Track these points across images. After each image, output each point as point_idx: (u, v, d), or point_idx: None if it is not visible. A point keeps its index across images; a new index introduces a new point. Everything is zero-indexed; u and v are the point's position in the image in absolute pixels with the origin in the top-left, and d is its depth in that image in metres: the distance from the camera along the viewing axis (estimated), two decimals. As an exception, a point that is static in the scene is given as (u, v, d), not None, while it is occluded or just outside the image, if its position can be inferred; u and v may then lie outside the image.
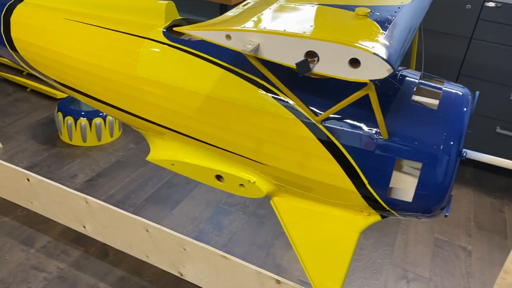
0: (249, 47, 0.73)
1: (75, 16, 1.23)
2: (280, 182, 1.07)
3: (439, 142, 0.88)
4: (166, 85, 1.09)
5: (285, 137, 0.98)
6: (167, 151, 1.20)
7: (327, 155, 0.95)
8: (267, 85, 0.98)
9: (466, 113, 0.91)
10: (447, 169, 0.88)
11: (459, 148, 0.88)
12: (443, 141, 0.87)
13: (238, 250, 1.79)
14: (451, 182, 0.89)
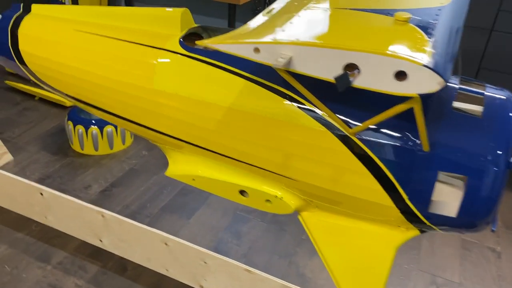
0: (281, 61, 0.67)
1: (85, 27, 1.17)
2: (310, 197, 1.01)
3: (486, 153, 0.81)
4: (184, 97, 1.02)
5: (315, 150, 0.92)
6: (187, 166, 1.15)
7: (362, 169, 0.89)
8: (294, 95, 0.92)
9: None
10: (495, 182, 0.81)
11: (508, 158, 0.81)
12: (491, 151, 0.81)
13: (259, 260, 1.74)
14: (499, 195, 0.82)
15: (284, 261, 1.75)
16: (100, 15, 1.19)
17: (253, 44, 0.70)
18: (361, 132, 0.87)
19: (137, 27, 1.12)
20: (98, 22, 1.17)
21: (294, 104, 0.92)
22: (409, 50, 0.62)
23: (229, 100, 0.98)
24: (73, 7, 1.26)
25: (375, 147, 0.86)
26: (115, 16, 1.17)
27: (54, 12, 1.26)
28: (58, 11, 1.26)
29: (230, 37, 0.74)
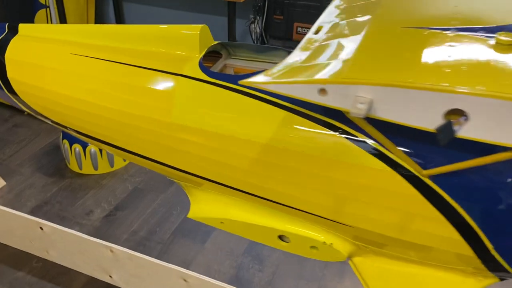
0: (362, 107, 0.51)
1: (85, 50, 1.00)
2: (367, 243, 0.86)
3: None
4: (210, 132, 0.86)
5: (377, 193, 0.76)
6: (214, 207, 0.99)
7: (437, 216, 0.73)
8: (349, 129, 0.76)
9: None
10: None
11: None
12: None
13: (285, 287, 1.59)
14: None
15: (313, 286, 1.60)
16: (100, 36, 1.02)
17: (318, 84, 0.54)
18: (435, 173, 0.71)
19: (146, 49, 0.95)
20: (99, 44, 1.00)
21: (349, 139, 0.76)
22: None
23: (266, 135, 0.82)
24: (67, 26, 1.10)
25: (453, 190, 0.71)
26: (118, 36, 1.00)
27: (46, 32, 1.08)
28: (50, 32, 1.08)
29: (283, 75, 0.58)
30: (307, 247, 0.92)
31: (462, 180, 0.71)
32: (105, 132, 0.99)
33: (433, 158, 0.72)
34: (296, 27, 2.63)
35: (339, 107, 0.54)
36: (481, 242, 0.73)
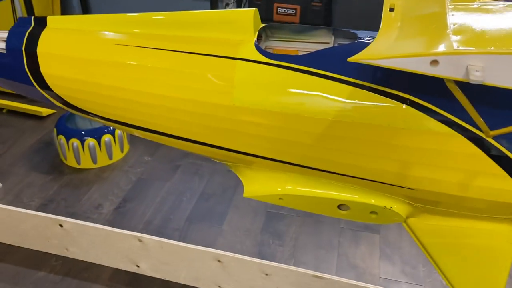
0: (479, 74, 0.57)
1: (128, 39, 0.99)
2: (426, 204, 0.93)
3: None
4: (275, 112, 0.90)
5: (444, 156, 0.83)
6: (271, 184, 1.03)
7: (499, 172, 0.82)
8: (415, 98, 0.82)
9: None
10: None
11: None
12: None
13: (307, 258, 1.67)
14: None
15: (332, 254, 1.69)
16: (141, 25, 1.01)
17: (430, 56, 0.59)
18: (500, 134, 0.79)
19: (197, 35, 0.96)
20: (143, 33, 1.00)
21: (415, 108, 0.82)
22: None
23: (331, 111, 0.86)
24: (100, 16, 1.06)
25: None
26: (161, 24, 1.00)
27: (78, 24, 1.06)
28: (83, 23, 1.06)
29: (389, 50, 0.63)
30: (367, 213, 0.98)
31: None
32: (160, 122, 1.00)
33: (499, 120, 0.79)
34: (276, 8, 2.66)
35: (450, 76, 0.60)
36: (537, 191, 0.82)
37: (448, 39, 0.60)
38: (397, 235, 1.77)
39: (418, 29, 0.67)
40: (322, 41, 1.04)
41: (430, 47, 0.61)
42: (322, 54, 0.90)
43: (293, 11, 2.65)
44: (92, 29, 1.04)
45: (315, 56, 0.90)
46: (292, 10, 2.65)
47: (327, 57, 0.88)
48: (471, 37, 0.61)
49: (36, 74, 1.08)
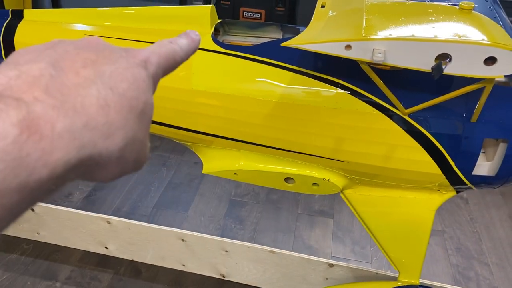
0: (380, 56, 0.72)
1: (99, 31, 1.11)
2: (358, 175, 1.09)
3: (523, 117, 0.93)
4: (228, 95, 1.03)
5: (369, 132, 0.99)
6: (226, 161, 1.16)
7: (414, 145, 0.97)
8: (345, 83, 0.97)
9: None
10: (531, 142, 0.94)
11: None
12: (527, 116, 0.93)
13: (266, 240, 1.80)
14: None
15: (289, 236, 1.83)
16: (111, 18, 1.13)
17: (345, 42, 0.74)
18: (413, 112, 0.95)
19: (160, 28, 1.09)
20: (112, 25, 1.12)
21: (346, 92, 0.98)
22: (494, 37, 0.71)
23: (277, 94, 1.01)
24: (74, 10, 1.18)
25: (427, 124, 0.95)
26: (129, 17, 1.12)
27: (53, 17, 1.17)
28: (58, 16, 1.17)
29: (315, 37, 0.78)
30: (310, 185, 1.12)
31: (429, 113, 0.95)
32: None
33: (412, 99, 0.96)
34: (243, 12, 2.81)
35: (360, 58, 0.75)
36: (446, 161, 0.98)
37: (361, 29, 0.76)
38: (349, 220, 1.93)
39: (340, 21, 0.82)
40: (272, 36, 1.18)
41: (346, 35, 0.76)
42: (269, 45, 1.05)
43: (258, 15, 2.80)
44: (67, 22, 1.15)
45: (263, 46, 1.04)
46: (257, 14, 2.80)
47: (273, 48, 1.03)
48: (378, 26, 0.76)
49: (13, 61, 1.18)
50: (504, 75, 0.72)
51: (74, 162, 0.25)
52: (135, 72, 0.30)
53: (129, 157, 0.29)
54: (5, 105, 0.24)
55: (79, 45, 0.31)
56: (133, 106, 0.29)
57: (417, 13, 0.80)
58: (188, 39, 0.38)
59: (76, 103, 0.26)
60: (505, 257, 1.82)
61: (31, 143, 0.24)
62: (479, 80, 0.80)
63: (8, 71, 0.27)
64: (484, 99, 0.84)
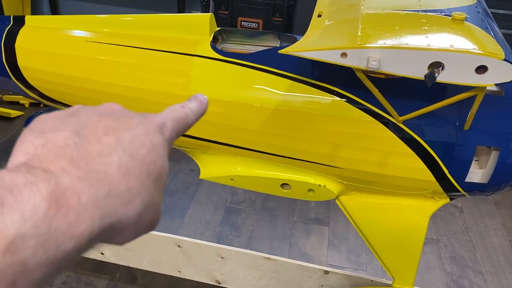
0: (375, 63, 0.74)
1: (99, 37, 1.13)
2: (353, 182, 1.10)
3: (514, 126, 0.95)
4: (226, 102, 1.05)
5: (364, 139, 1.00)
6: (223, 167, 1.17)
7: (409, 152, 0.99)
8: (341, 90, 0.99)
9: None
10: (522, 150, 0.96)
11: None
12: (519, 124, 0.95)
13: (262, 247, 1.81)
14: (524, 160, 0.98)
15: (285, 244, 1.84)
16: (112, 25, 1.15)
17: (340, 50, 0.76)
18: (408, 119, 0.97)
19: (161, 35, 1.11)
20: (113, 32, 1.14)
21: (342, 99, 0.99)
22: (486, 46, 0.73)
23: (275, 101, 1.02)
24: (74, 17, 1.20)
25: (421, 131, 0.97)
26: (131, 24, 1.14)
27: (54, 23, 1.19)
28: (59, 22, 1.19)
29: (312, 45, 0.80)
30: (306, 191, 1.14)
31: (423, 121, 0.97)
32: (125, 108, 1.13)
33: (406, 107, 0.97)
34: (240, 21, 2.84)
35: (355, 65, 0.77)
36: (440, 168, 1.00)
37: (356, 37, 0.78)
38: (344, 228, 1.94)
39: (336, 30, 0.85)
40: (270, 44, 1.20)
41: (342, 43, 0.78)
42: (267, 53, 1.07)
43: (255, 25, 2.83)
44: (67, 28, 1.17)
45: (261, 54, 1.06)
46: (255, 24, 2.83)
47: (271, 55, 1.05)
48: (373, 35, 0.78)
49: (13, 67, 1.20)
50: (495, 83, 0.74)
51: (97, 232, 0.26)
52: (153, 138, 0.31)
53: (145, 220, 0.30)
54: (35, 177, 0.25)
55: (99, 111, 0.32)
56: (150, 171, 0.30)
57: (411, 23, 0.82)
58: (197, 102, 0.41)
59: (99, 172, 0.27)
60: (498, 266, 1.83)
61: (60, 216, 0.24)
62: (471, 88, 0.82)
63: (34, 139, 0.28)
64: (476, 107, 0.86)
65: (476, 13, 0.87)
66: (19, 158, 0.27)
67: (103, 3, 3.20)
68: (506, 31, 2.18)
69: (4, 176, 0.25)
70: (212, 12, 2.82)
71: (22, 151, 0.27)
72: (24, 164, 0.26)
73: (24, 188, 0.24)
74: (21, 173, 0.25)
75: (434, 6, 0.89)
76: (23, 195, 0.24)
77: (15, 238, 0.23)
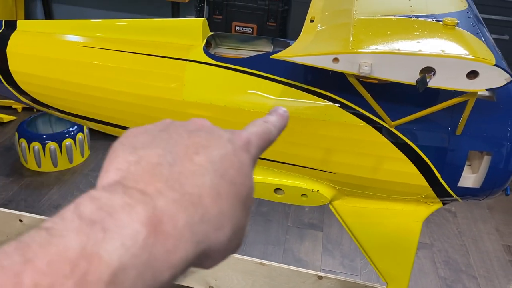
0: (367, 69, 0.74)
1: (92, 42, 1.12)
2: (346, 186, 1.10)
3: (506, 131, 0.96)
4: (219, 107, 1.05)
5: (357, 144, 1.01)
6: (216, 172, 1.17)
7: (401, 157, 0.99)
8: (333, 95, 0.99)
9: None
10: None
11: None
12: (509, 129, 0.96)
13: (256, 253, 1.80)
14: (515, 164, 0.98)
15: (279, 249, 1.83)
16: (104, 30, 1.15)
17: (332, 55, 0.76)
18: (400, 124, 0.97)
19: (153, 40, 1.10)
20: (105, 37, 1.13)
21: (335, 104, 0.99)
22: (477, 52, 0.73)
23: (268, 106, 1.02)
24: (67, 21, 1.20)
25: (413, 136, 0.97)
26: (123, 29, 1.14)
27: (46, 28, 1.18)
28: (51, 27, 1.19)
29: (304, 50, 0.80)
30: (299, 196, 1.13)
31: (415, 126, 0.97)
32: (117, 115, 1.12)
33: (399, 112, 0.98)
34: (235, 26, 2.85)
35: (347, 71, 0.77)
36: (432, 173, 1.00)
37: (348, 43, 0.78)
38: (338, 233, 1.94)
39: (328, 35, 0.85)
40: (263, 49, 1.20)
41: (334, 48, 0.78)
42: (260, 58, 1.07)
43: (250, 30, 2.84)
44: (59, 32, 1.17)
45: (254, 59, 1.06)
46: (249, 29, 2.84)
47: (264, 60, 1.05)
48: (365, 40, 0.78)
49: (4, 72, 1.19)
50: (486, 88, 0.74)
51: (191, 259, 0.25)
52: (241, 157, 0.31)
53: (233, 244, 0.29)
54: (132, 199, 0.24)
55: (189, 128, 0.31)
56: (239, 192, 0.29)
57: (403, 28, 0.82)
58: (278, 116, 0.39)
59: (193, 195, 0.26)
60: (492, 270, 1.83)
61: (158, 244, 0.23)
62: (463, 93, 0.82)
63: (128, 155, 0.27)
64: (468, 112, 0.87)
65: (467, 18, 0.87)
66: (113, 176, 0.26)
67: (97, 7, 3.20)
68: (498, 36, 2.20)
69: (101, 196, 0.24)
70: (207, 17, 2.83)
71: (115, 167, 0.26)
72: (119, 183, 0.25)
73: (122, 211, 0.23)
74: (118, 194, 0.24)
75: (426, 11, 0.90)
76: (122, 219, 0.23)
77: (117, 269, 0.21)
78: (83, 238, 0.22)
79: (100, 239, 0.22)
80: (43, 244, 0.21)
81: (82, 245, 0.21)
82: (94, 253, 0.21)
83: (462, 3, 0.97)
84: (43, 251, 0.21)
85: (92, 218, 0.23)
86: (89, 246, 0.21)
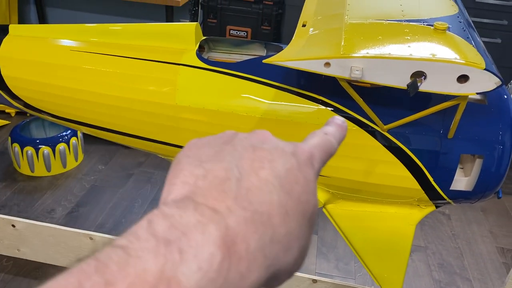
0: (358, 73, 0.74)
1: (84, 46, 1.12)
2: (339, 190, 1.10)
3: (497, 134, 0.96)
4: (212, 111, 1.05)
5: (350, 148, 1.01)
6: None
7: (394, 160, 1.00)
8: (326, 99, 1.00)
9: (510, 102, 1.00)
10: (505, 158, 0.97)
11: (511, 136, 0.98)
12: (501, 132, 0.96)
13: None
14: (507, 168, 0.99)
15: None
16: (97, 34, 1.15)
17: (324, 59, 0.77)
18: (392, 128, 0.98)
19: (146, 44, 1.10)
20: (98, 41, 1.13)
21: (327, 108, 1.00)
22: (467, 56, 0.74)
23: (261, 110, 1.03)
24: (59, 26, 1.19)
25: (405, 139, 0.98)
26: (116, 34, 1.14)
27: (38, 32, 1.18)
28: (43, 31, 1.18)
29: (296, 54, 0.80)
30: (292, 200, 1.13)
31: (407, 129, 0.97)
32: (110, 120, 1.12)
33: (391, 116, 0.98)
34: (229, 30, 2.85)
35: (339, 75, 0.77)
36: (425, 176, 1.01)
37: (339, 47, 0.78)
38: (333, 236, 1.94)
39: (320, 39, 0.85)
40: (256, 53, 1.21)
41: (325, 52, 0.78)
42: (253, 62, 1.07)
43: (244, 33, 2.84)
44: (51, 37, 1.16)
45: (247, 63, 1.06)
46: (244, 33, 2.84)
47: (256, 65, 1.05)
48: (356, 45, 0.79)
49: (-4, 76, 1.18)
50: (477, 92, 0.75)
51: (262, 283, 0.24)
52: (306, 172, 0.29)
53: (298, 264, 0.28)
54: (203, 217, 0.22)
55: (253, 140, 0.30)
56: (305, 211, 0.27)
57: (394, 32, 0.83)
58: (337, 127, 0.37)
59: (263, 214, 0.25)
60: (486, 272, 1.84)
61: (233, 268, 0.22)
62: (454, 97, 0.83)
63: (194, 169, 0.26)
64: (459, 115, 0.87)
65: (458, 23, 0.88)
66: (180, 190, 0.25)
67: (91, 11, 3.20)
68: (491, 39, 2.21)
69: (174, 213, 0.22)
70: (201, 21, 2.83)
71: (181, 181, 0.25)
72: (189, 199, 0.24)
73: (195, 231, 0.22)
74: (189, 211, 0.23)
75: (417, 16, 0.90)
76: (197, 239, 0.21)
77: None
78: (160, 259, 0.21)
79: (178, 262, 0.21)
80: (121, 264, 0.20)
81: (160, 267, 0.20)
82: (172, 277, 0.20)
83: (453, 7, 0.97)
84: (122, 273, 0.20)
85: (166, 238, 0.21)
86: (167, 269, 0.20)
